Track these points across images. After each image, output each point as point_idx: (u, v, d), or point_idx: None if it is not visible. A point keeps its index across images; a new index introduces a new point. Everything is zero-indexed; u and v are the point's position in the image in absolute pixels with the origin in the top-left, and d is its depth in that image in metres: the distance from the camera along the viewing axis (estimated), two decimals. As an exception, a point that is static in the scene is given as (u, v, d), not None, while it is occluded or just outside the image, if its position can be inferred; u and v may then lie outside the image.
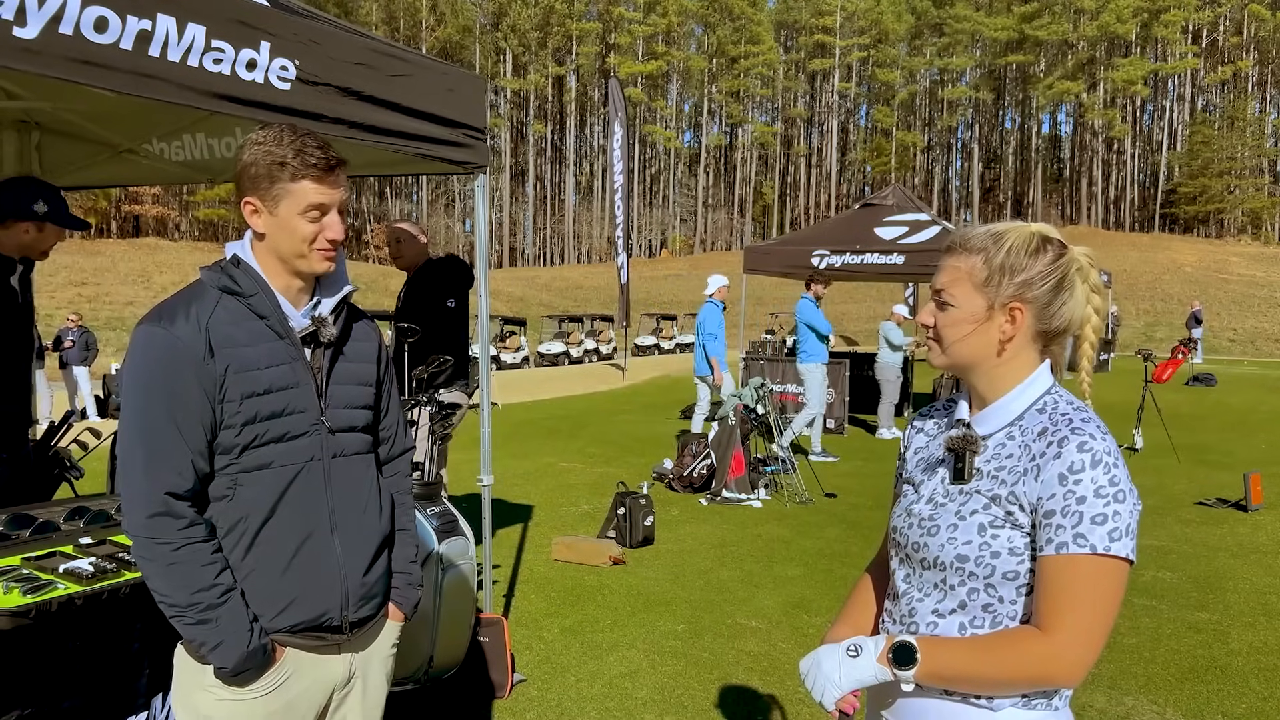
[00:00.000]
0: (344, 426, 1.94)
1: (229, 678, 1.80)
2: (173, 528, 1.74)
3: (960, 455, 1.54)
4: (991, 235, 1.55)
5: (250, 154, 1.81)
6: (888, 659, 1.50)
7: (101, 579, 2.66)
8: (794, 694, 4.20)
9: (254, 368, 1.81)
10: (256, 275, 1.86)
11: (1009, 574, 1.47)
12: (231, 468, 1.81)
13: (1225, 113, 75.98)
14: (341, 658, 1.96)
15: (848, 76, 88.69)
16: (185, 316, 1.77)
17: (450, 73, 3.96)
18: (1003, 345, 1.53)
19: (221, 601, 1.77)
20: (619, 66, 78.02)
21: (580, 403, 17.19)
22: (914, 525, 1.59)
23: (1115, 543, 1.39)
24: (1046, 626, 1.41)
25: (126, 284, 34.71)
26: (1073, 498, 1.40)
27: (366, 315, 2.11)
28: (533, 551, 6.50)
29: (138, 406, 1.75)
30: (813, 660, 1.60)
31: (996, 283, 1.52)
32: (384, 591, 2.04)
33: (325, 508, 1.90)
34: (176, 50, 2.84)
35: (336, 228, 1.86)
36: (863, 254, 12.55)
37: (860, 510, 8.03)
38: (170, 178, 5.20)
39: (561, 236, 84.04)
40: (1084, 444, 1.42)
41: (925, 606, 1.56)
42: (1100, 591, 1.39)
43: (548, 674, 4.37)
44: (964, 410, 1.61)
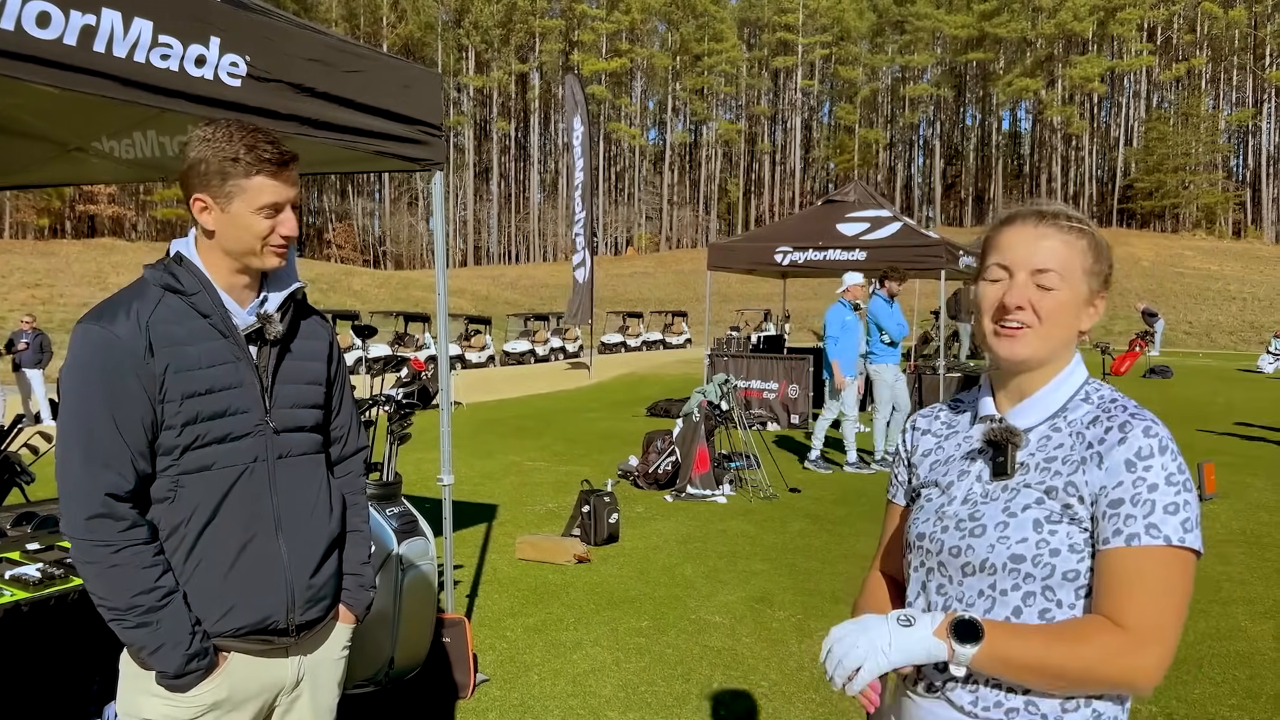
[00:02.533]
0: (290, 426, 1.91)
1: (170, 682, 1.77)
2: (113, 529, 1.71)
3: (1002, 448, 1.42)
4: (1082, 218, 1.43)
5: (199, 150, 1.77)
6: (947, 632, 1.31)
7: (49, 585, 2.61)
8: (757, 688, 4.22)
9: (195, 367, 1.77)
10: (200, 273, 1.82)
11: (1069, 574, 1.34)
12: (173, 469, 1.78)
13: (1180, 109, 77.29)
14: (289, 660, 1.93)
15: (810, 74, 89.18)
16: (125, 315, 1.74)
17: (406, 69, 3.93)
18: (1080, 336, 1.43)
19: (162, 605, 1.74)
20: (583, 63, 77.88)
21: (546, 401, 17.14)
22: (950, 529, 1.44)
23: (1188, 534, 1.30)
24: (1121, 620, 1.29)
25: (81, 285, 34.14)
26: (1144, 485, 1.30)
27: (317, 312, 2.08)
28: (497, 551, 6.47)
29: (77, 406, 1.71)
30: (856, 627, 1.36)
31: (1098, 270, 1.42)
32: (333, 594, 2.01)
33: (270, 510, 1.86)
34: (122, 46, 2.79)
35: (290, 224, 1.84)
36: (825, 250, 12.62)
37: (824, 504, 8.07)
38: (122, 176, 5.10)
39: (526, 234, 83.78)
40: (1149, 429, 1.33)
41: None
42: (1175, 586, 1.29)
43: (511, 673, 4.35)
44: (989, 407, 1.48)
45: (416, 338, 25.51)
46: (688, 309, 40.84)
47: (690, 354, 29.59)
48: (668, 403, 14.54)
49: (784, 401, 13.26)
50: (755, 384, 13.40)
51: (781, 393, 13.28)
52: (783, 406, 13.25)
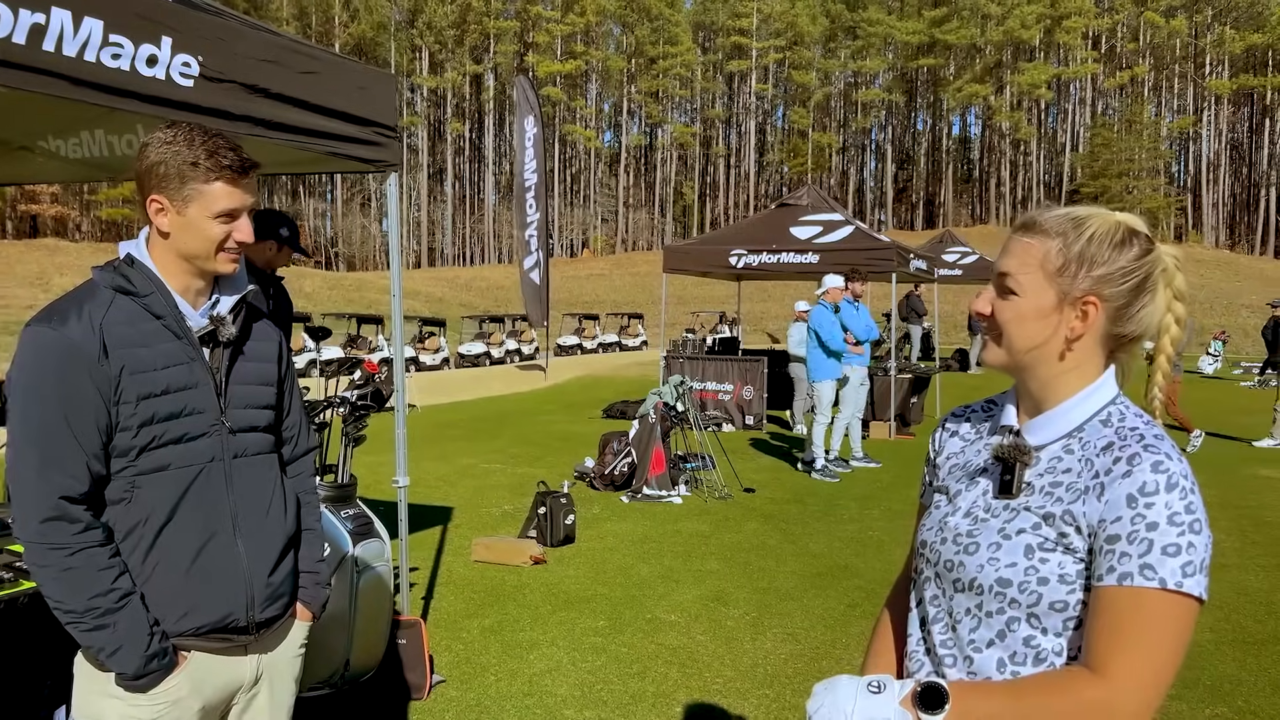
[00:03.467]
0: (245, 426, 1.92)
1: (130, 683, 1.77)
2: (67, 532, 1.70)
3: (1010, 466, 1.36)
4: (1072, 219, 1.36)
5: (158, 153, 1.78)
6: (913, 701, 1.28)
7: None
8: (711, 686, 4.27)
9: (150, 368, 1.78)
10: (152, 274, 1.83)
11: (1056, 604, 1.29)
12: (129, 470, 1.78)
13: (1124, 116, 79.05)
14: (248, 659, 1.95)
15: (765, 78, 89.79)
16: (78, 316, 1.73)
17: (361, 70, 3.93)
18: (1068, 345, 1.35)
19: (120, 606, 1.74)
20: (537, 65, 77.65)
21: (502, 403, 17.10)
22: (948, 541, 1.41)
23: (1188, 579, 1.20)
24: (1101, 668, 1.22)
25: (24, 286, 33.30)
26: (1142, 523, 1.22)
27: (266, 314, 2.09)
28: (452, 553, 6.46)
29: (28, 409, 1.71)
30: (828, 686, 1.37)
31: (1072, 273, 1.33)
32: (290, 592, 2.03)
33: (227, 509, 1.88)
34: (72, 45, 2.77)
35: (245, 231, 1.85)
36: (779, 253, 12.75)
37: (778, 504, 8.17)
38: (70, 175, 5.03)
39: (481, 236, 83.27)
40: (1159, 464, 1.24)
41: (963, 633, 1.38)
42: (1166, 633, 1.21)
43: (467, 674, 4.36)
44: (1011, 416, 1.43)
45: (370, 340, 25.25)
46: (644, 311, 40.90)
47: (646, 356, 29.66)
48: (624, 404, 14.58)
49: (739, 403, 13.36)
50: (711, 385, 13.49)
51: (736, 394, 13.38)
52: (738, 408, 13.36)
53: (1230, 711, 4.05)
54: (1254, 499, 8.46)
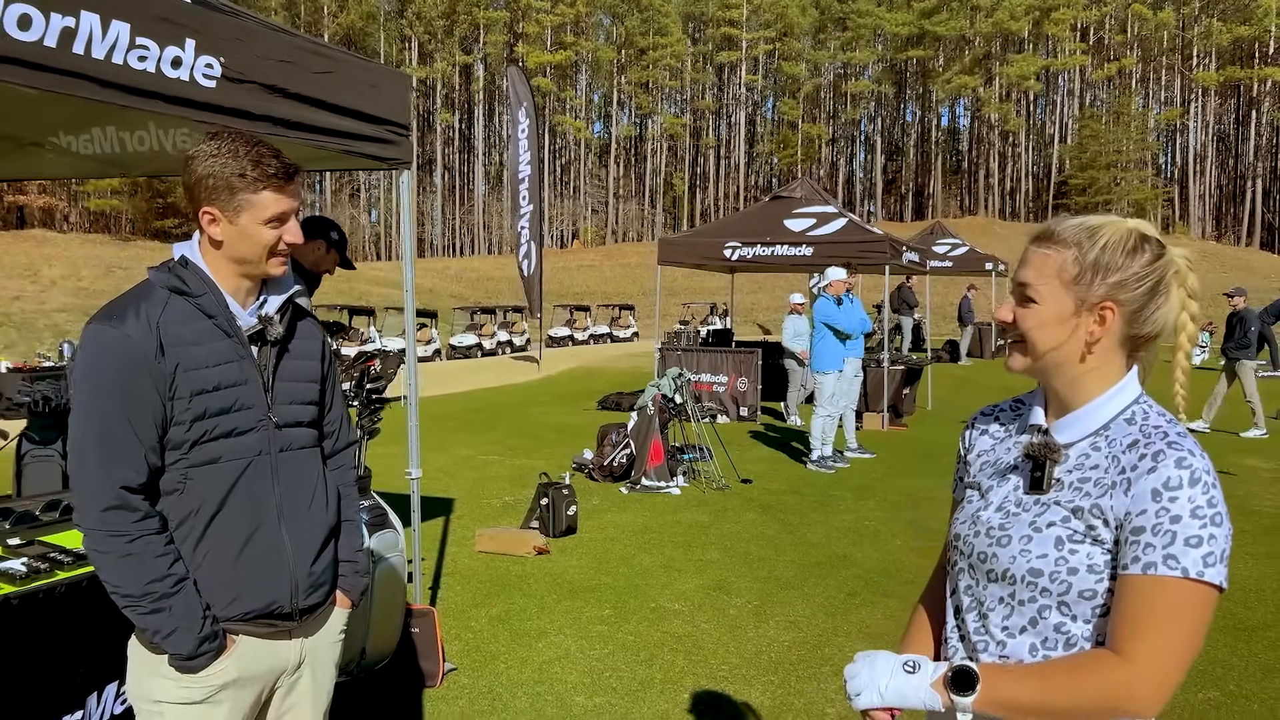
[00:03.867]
0: (290, 422, 2.00)
1: (184, 664, 1.85)
2: (127, 520, 1.79)
3: (1040, 463, 1.44)
4: (1086, 229, 1.42)
5: (206, 166, 1.84)
6: (945, 682, 1.38)
7: (35, 579, 2.65)
8: (717, 672, 4.37)
9: (202, 366, 1.85)
10: (205, 276, 1.90)
11: (1085, 592, 1.36)
12: (182, 462, 1.86)
13: (1111, 108, 79.39)
14: (292, 643, 2.03)
15: (754, 69, 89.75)
16: (135, 316, 1.81)
17: (374, 69, 3.99)
18: (1088, 348, 1.42)
19: (175, 591, 1.82)
20: (527, 56, 77.43)
21: (496, 395, 17.15)
22: (981, 534, 1.48)
23: (1209, 568, 1.28)
24: (1125, 652, 1.30)
25: (12, 278, 33.13)
26: (1166, 516, 1.29)
27: (310, 314, 2.17)
28: (456, 544, 6.54)
29: (91, 404, 1.79)
30: (867, 661, 1.47)
31: (1088, 281, 1.40)
32: (331, 580, 2.11)
33: (273, 500, 1.96)
34: (100, 48, 2.83)
35: (294, 232, 1.93)
36: (773, 246, 12.83)
37: (775, 495, 8.27)
38: (81, 171, 5.08)
39: (471, 227, 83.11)
40: (1182, 460, 1.31)
41: (994, 622, 1.46)
42: (1187, 619, 1.28)
43: (478, 662, 4.45)
44: (1039, 415, 1.50)
45: (361, 331, 25.29)
46: (634, 302, 40.95)
47: (638, 347, 29.74)
48: (619, 396, 14.67)
49: (733, 394, 13.46)
50: (705, 377, 13.58)
51: (731, 386, 13.48)
52: (732, 399, 13.45)
53: (1222, 695, 4.17)
54: (1240, 489, 8.61)
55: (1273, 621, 5.11)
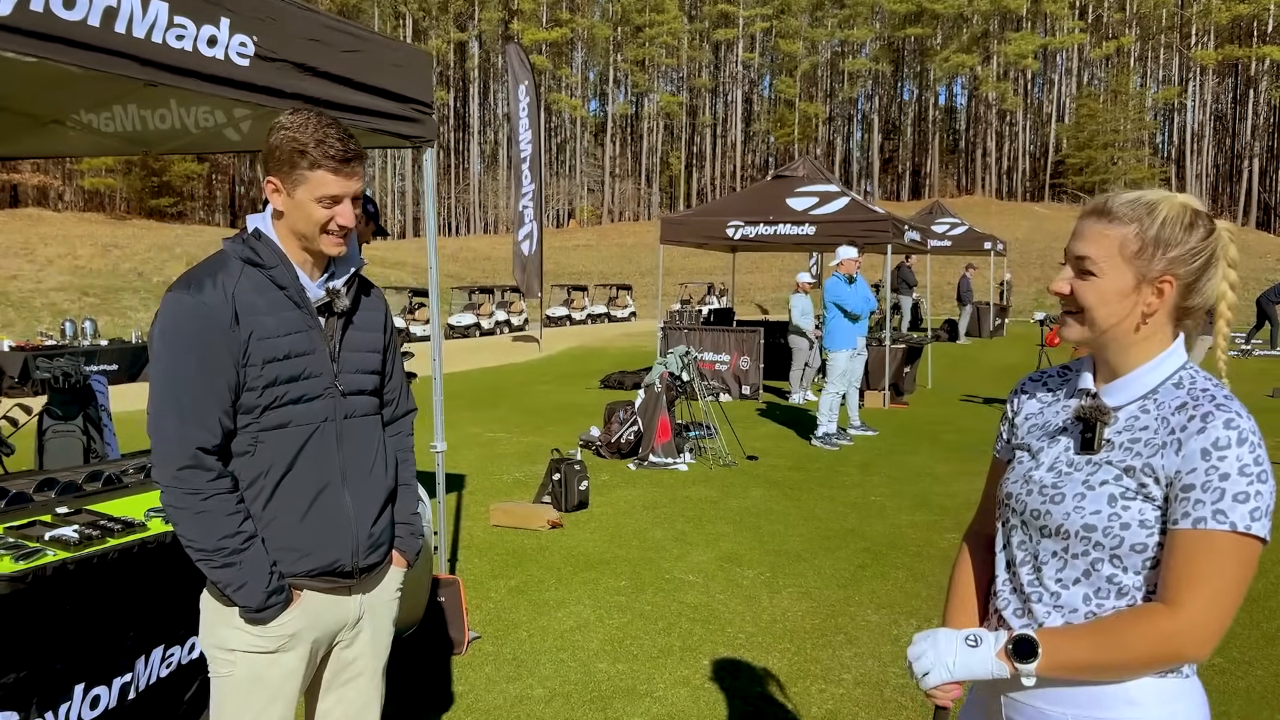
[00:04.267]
0: (354, 390, 2.09)
1: (253, 616, 1.96)
2: (202, 479, 1.88)
3: (1091, 425, 1.51)
4: (1145, 205, 1.48)
5: (277, 138, 1.93)
6: (1007, 653, 1.46)
7: (88, 545, 2.73)
8: (734, 640, 4.48)
9: (274, 335, 1.94)
10: (276, 248, 1.99)
11: (1137, 546, 1.44)
12: (253, 426, 1.95)
13: (1109, 86, 79.23)
14: (352, 599, 2.13)
15: (751, 47, 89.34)
16: (213, 285, 1.90)
17: (400, 48, 4.05)
18: (1144, 319, 1.48)
19: (245, 547, 1.92)
20: (522, 33, 76.97)
21: (497, 374, 17.23)
22: (1034, 492, 1.56)
23: (1256, 522, 1.35)
24: (1175, 601, 1.38)
25: (8, 257, 33.05)
26: (1215, 474, 1.37)
27: (375, 287, 2.26)
28: (470, 519, 6.64)
29: (169, 369, 1.88)
30: (930, 641, 1.55)
31: (1149, 256, 1.46)
32: (389, 541, 2.21)
33: (337, 464, 2.05)
34: (141, 26, 2.89)
35: (346, 216, 1.99)
36: (775, 225, 12.88)
37: (780, 471, 8.38)
38: (104, 149, 5.14)
39: (467, 206, 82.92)
40: (1230, 420, 1.39)
41: (1048, 575, 1.53)
42: (1234, 570, 1.36)
43: (500, 631, 4.55)
44: (1088, 380, 1.57)
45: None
46: (631, 282, 40.97)
47: (636, 327, 29.81)
48: (621, 375, 14.76)
49: (735, 373, 13.55)
50: (708, 355, 13.66)
51: (733, 364, 13.57)
52: (734, 378, 13.54)
53: (1226, 661, 4.29)
54: (1240, 464, 8.73)
55: (1272, 591, 5.24)
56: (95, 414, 5.88)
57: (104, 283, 31.26)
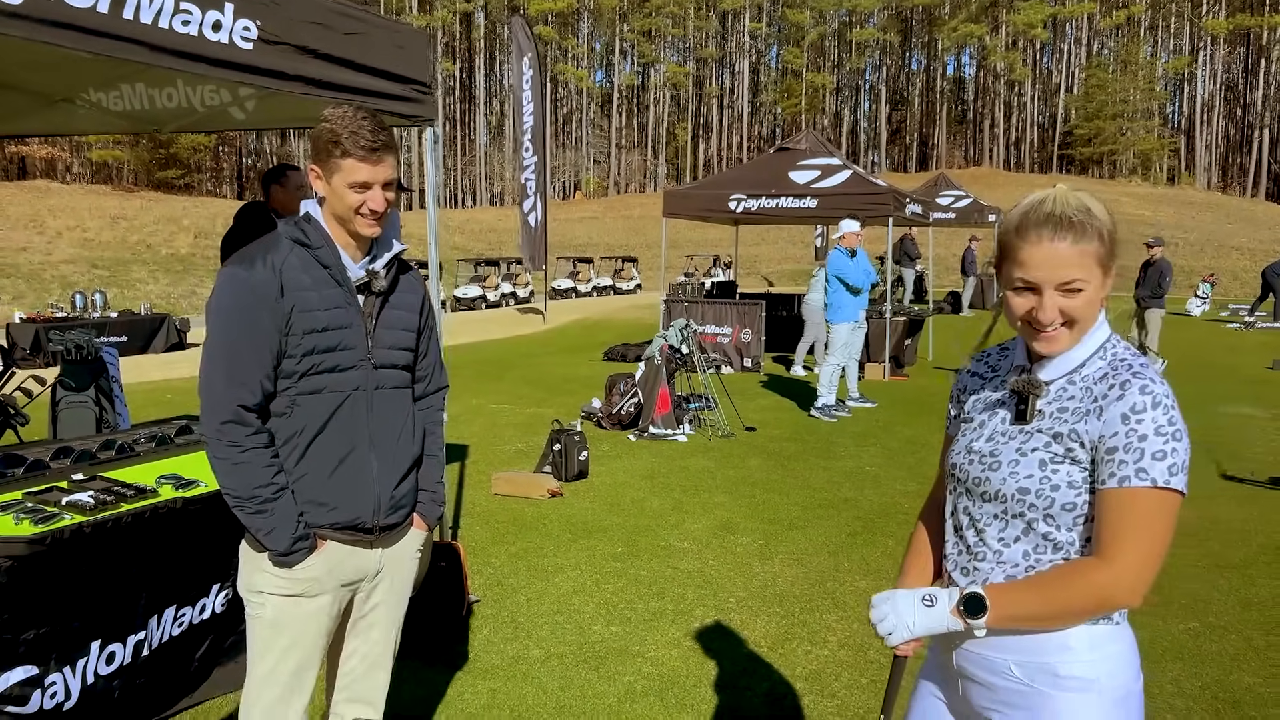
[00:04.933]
0: (386, 364, 2.28)
1: (280, 559, 2.16)
2: (241, 434, 2.09)
3: (1024, 398, 1.64)
4: (1091, 210, 1.57)
5: (319, 129, 2.12)
6: (959, 610, 1.61)
7: (104, 509, 2.88)
8: (725, 604, 4.63)
9: (315, 309, 2.14)
10: (323, 231, 2.20)
11: (1067, 505, 1.57)
12: (291, 390, 2.15)
13: (1119, 56, 78.53)
14: (373, 552, 2.32)
15: (758, 16, 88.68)
16: (263, 262, 2.11)
17: (399, 30, 4.14)
18: (1102, 303, 1.63)
19: (276, 497, 2.13)
20: (529, 3, 76.47)
21: (502, 346, 17.37)
22: (974, 461, 1.69)
23: (1174, 477, 1.49)
24: (1106, 554, 1.51)
25: (18, 229, 33.18)
26: (1135, 435, 1.50)
27: (414, 269, 2.45)
28: (472, 488, 6.80)
29: (220, 334, 2.09)
30: (889, 602, 1.70)
31: (1110, 252, 1.59)
32: (410, 505, 2.40)
33: (366, 430, 2.24)
34: (148, 12, 2.99)
35: (377, 200, 2.15)
36: (778, 198, 12.96)
37: (778, 442, 8.52)
38: (112, 127, 5.25)
39: (473, 178, 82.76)
40: (1145, 387, 1.52)
41: (990, 536, 1.66)
42: (1158, 521, 1.49)
43: (500, 595, 4.72)
44: (1022, 356, 1.70)
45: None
46: (637, 254, 40.98)
47: (642, 299, 29.90)
48: (624, 347, 14.89)
49: (737, 345, 13.67)
50: (710, 328, 13.78)
51: (735, 337, 13.69)
52: (736, 350, 13.67)
53: (1201, 626, 4.43)
54: (1232, 436, 8.85)
55: (1253, 559, 5.37)
56: (106, 385, 6.03)
57: (113, 255, 31.42)
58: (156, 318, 16.91)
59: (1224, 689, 3.79)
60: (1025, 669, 1.61)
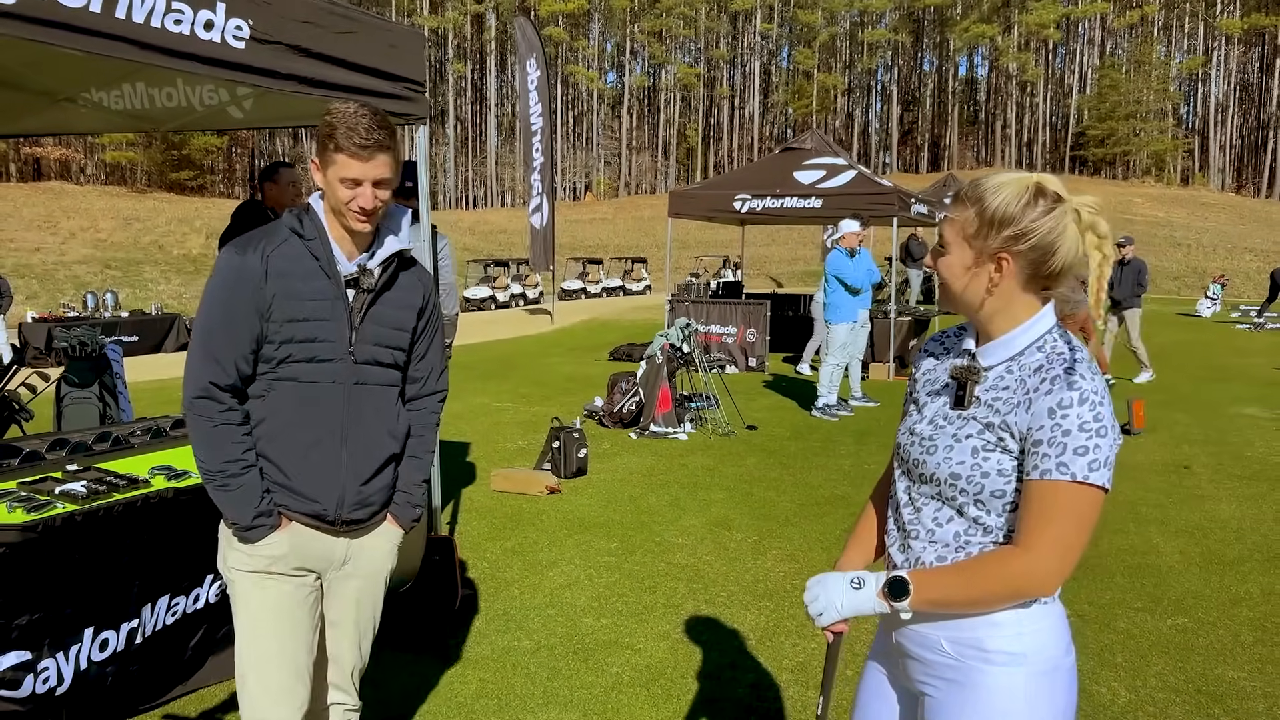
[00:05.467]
0: (369, 360, 2.28)
1: (242, 534, 2.21)
2: (213, 409, 2.16)
3: (962, 384, 1.68)
4: (988, 188, 1.63)
5: (320, 123, 2.16)
6: (884, 593, 1.67)
7: (95, 499, 2.94)
8: (716, 599, 4.67)
9: (299, 298, 2.18)
10: (319, 223, 2.23)
11: (996, 492, 1.61)
12: (269, 374, 2.21)
13: (1132, 57, 78.15)
14: (339, 541, 2.33)
15: (769, 17, 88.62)
16: (254, 249, 2.17)
17: (392, 29, 4.20)
18: (989, 292, 1.64)
19: (242, 472, 2.18)
20: (539, 4, 76.66)
21: (509, 346, 17.44)
22: (915, 443, 1.74)
23: (1094, 472, 1.52)
24: (1026, 544, 1.55)
25: (32, 230, 33.47)
26: (1059, 430, 1.52)
27: (421, 271, 2.44)
28: (472, 484, 6.86)
29: (203, 313, 2.17)
30: (820, 585, 1.77)
31: (984, 235, 1.61)
32: (381, 504, 2.39)
33: (339, 422, 2.25)
34: (140, 12, 3.06)
35: (365, 199, 2.16)
36: (783, 198, 12.99)
37: (778, 440, 8.55)
38: (113, 126, 5.32)
39: (484, 179, 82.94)
40: (1074, 382, 1.54)
41: (925, 515, 1.71)
42: (1076, 514, 1.53)
43: (493, 588, 4.77)
44: (970, 342, 1.74)
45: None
46: (647, 255, 41.02)
47: (650, 300, 29.94)
48: (630, 347, 14.93)
49: (742, 345, 13.70)
50: (715, 328, 13.82)
51: (740, 337, 13.72)
52: (741, 350, 13.70)
53: (1190, 622, 4.44)
54: (1235, 436, 8.83)
55: (1246, 557, 5.38)
56: (111, 381, 6.11)
57: (125, 255, 31.66)
58: (167, 317, 17.06)
59: (1207, 682, 3.81)
60: (955, 644, 1.66)
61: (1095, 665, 3.96)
